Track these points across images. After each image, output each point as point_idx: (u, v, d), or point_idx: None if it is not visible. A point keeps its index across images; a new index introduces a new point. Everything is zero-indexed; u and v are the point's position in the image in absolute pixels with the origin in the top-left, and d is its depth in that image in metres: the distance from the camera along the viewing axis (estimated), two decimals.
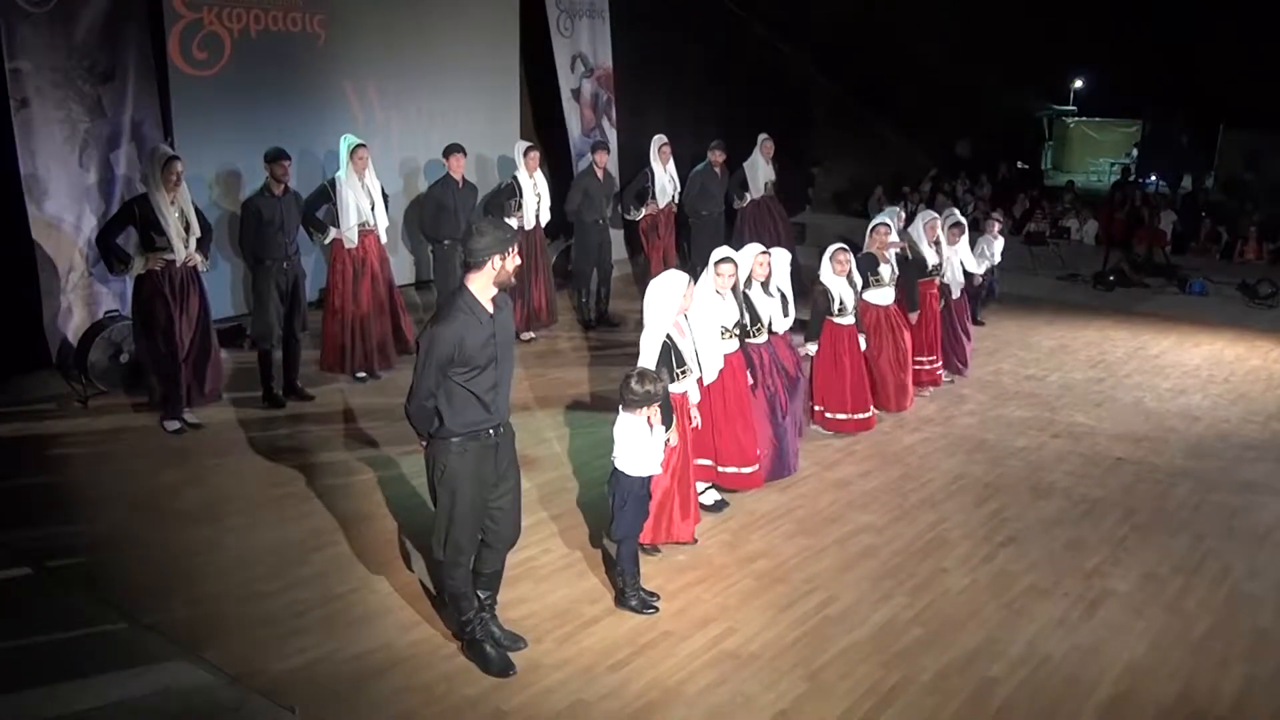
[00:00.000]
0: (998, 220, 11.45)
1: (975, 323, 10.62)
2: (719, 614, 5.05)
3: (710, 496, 6.22)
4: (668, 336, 5.42)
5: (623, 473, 5.02)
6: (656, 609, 5.05)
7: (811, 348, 7.41)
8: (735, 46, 13.89)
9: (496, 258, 4.21)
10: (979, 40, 17.74)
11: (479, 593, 4.56)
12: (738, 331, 6.18)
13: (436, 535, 4.42)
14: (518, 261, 4.31)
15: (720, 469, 6.20)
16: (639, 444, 4.95)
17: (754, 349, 6.46)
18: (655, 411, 5.00)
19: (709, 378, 5.93)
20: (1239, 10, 18.98)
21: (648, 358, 5.36)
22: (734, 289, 6.17)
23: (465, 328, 4.18)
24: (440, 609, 4.85)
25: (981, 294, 10.92)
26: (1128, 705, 4.44)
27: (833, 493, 6.55)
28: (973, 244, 9.60)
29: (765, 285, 6.52)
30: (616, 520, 5.06)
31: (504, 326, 4.35)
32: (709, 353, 5.88)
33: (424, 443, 4.39)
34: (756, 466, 6.28)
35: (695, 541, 5.71)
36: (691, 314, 5.69)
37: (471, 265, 4.24)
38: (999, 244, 11.04)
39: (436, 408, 4.23)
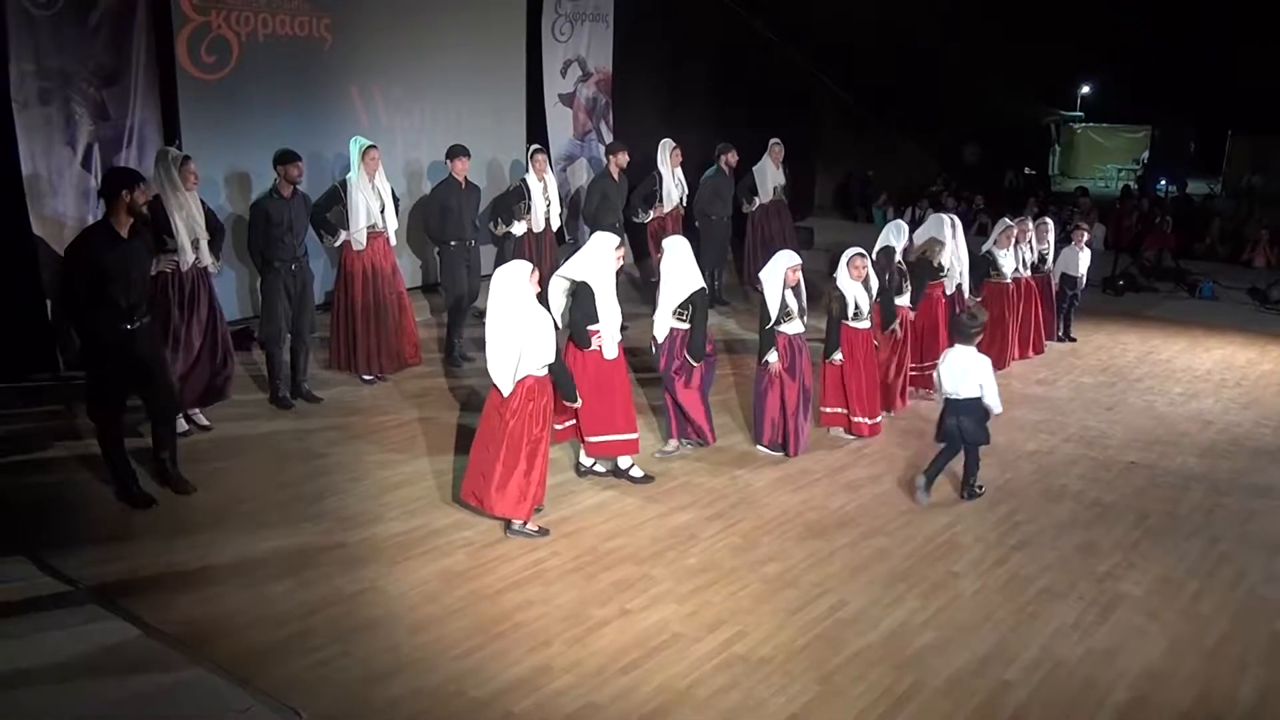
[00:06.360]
0: (1085, 231, 10.71)
1: (1068, 339, 10.55)
2: (730, 617, 5.01)
3: (637, 470, 6.59)
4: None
5: (986, 403, 6.23)
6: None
7: (837, 356, 7.27)
8: (740, 50, 13.87)
9: (124, 191, 5.47)
10: (987, 46, 17.72)
11: (162, 454, 6.03)
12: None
13: (90, 403, 5.78)
14: (148, 194, 5.69)
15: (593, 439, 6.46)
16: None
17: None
18: None
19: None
20: (1246, 16, 18.97)
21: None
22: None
23: (99, 247, 5.49)
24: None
25: (1064, 307, 10.53)
26: (1144, 710, 4.40)
27: (843, 495, 6.51)
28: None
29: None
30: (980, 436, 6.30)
31: (136, 248, 5.68)
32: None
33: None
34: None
35: (538, 514, 5.87)
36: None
37: (108, 201, 5.54)
38: (1085, 256, 10.44)
39: (89, 307, 5.48)
